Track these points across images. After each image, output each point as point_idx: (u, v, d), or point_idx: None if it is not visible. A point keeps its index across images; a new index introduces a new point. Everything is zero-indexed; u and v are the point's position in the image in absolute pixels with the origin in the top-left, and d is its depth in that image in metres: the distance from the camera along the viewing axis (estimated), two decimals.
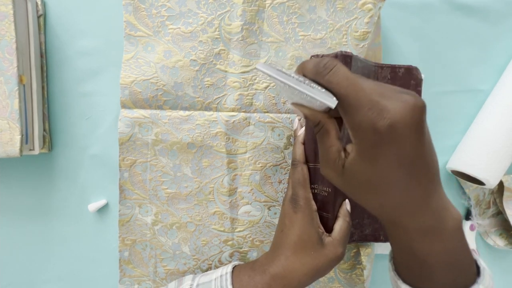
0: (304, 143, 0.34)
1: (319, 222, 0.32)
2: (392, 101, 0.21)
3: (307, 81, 0.23)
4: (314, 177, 0.33)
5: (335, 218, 0.33)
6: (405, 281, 0.29)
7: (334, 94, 0.22)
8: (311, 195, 0.32)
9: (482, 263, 0.28)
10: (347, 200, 0.34)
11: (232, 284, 0.32)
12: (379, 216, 0.26)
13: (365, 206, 0.26)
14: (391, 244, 0.29)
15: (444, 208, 0.24)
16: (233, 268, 0.34)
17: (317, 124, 0.25)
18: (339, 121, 0.25)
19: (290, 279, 0.30)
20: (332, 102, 0.22)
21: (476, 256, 0.29)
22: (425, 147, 0.22)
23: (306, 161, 0.34)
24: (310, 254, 0.30)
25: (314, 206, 0.32)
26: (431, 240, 0.25)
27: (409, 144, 0.21)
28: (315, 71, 0.23)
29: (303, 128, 0.35)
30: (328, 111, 0.24)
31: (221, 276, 0.33)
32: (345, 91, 0.22)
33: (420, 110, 0.21)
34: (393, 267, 0.31)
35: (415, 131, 0.21)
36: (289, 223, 0.32)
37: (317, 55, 0.33)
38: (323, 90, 0.23)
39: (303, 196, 0.32)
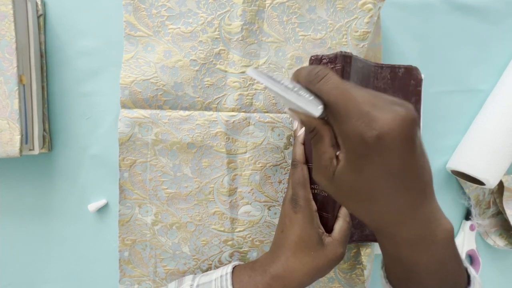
0: (304, 144, 0.34)
1: (319, 222, 0.32)
2: (383, 112, 0.21)
3: (296, 88, 0.23)
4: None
5: (335, 218, 0.33)
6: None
7: (325, 102, 0.22)
8: (311, 195, 0.32)
9: (472, 271, 0.28)
10: None
11: (232, 284, 0.32)
12: (368, 224, 0.26)
13: (354, 213, 0.26)
14: (382, 253, 0.29)
15: (435, 219, 0.24)
16: (233, 268, 0.34)
17: (312, 130, 0.25)
18: None
19: (290, 279, 0.30)
20: (316, 111, 0.22)
21: (466, 264, 0.29)
22: (415, 159, 0.22)
23: (306, 161, 0.34)
24: (310, 254, 0.30)
25: (314, 207, 0.32)
26: (419, 250, 0.25)
27: (398, 155, 0.21)
28: (307, 79, 0.24)
29: (303, 129, 0.35)
30: (323, 118, 0.24)
31: (221, 276, 0.33)
32: (335, 99, 0.22)
33: (410, 123, 0.21)
34: (384, 275, 0.31)
35: (404, 143, 0.21)
36: (289, 223, 0.32)
37: (317, 55, 0.33)
38: (311, 98, 0.23)
39: (303, 196, 0.32)
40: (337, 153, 0.24)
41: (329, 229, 0.32)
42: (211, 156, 0.38)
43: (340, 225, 0.32)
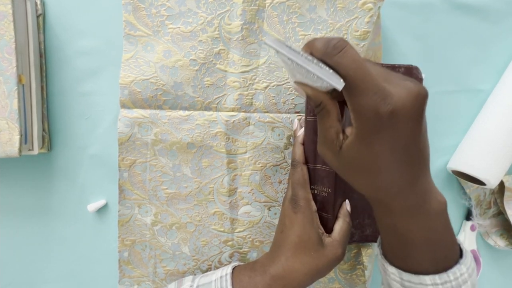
0: (303, 144, 0.34)
1: (319, 222, 0.32)
2: (397, 88, 0.21)
3: (315, 60, 0.23)
4: (314, 177, 0.33)
5: (335, 218, 0.33)
6: (391, 263, 0.29)
7: (342, 76, 0.22)
8: (311, 195, 0.32)
9: (464, 246, 0.29)
10: (347, 201, 0.34)
11: (232, 285, 0.32)
12: (366, 194, 0.26)
13: (353, 185, 0.26)
14: (378, 225, 0.30)
15: (429, 191, 0.25)
16: (233, 269, 0.34)
17: (318, 105, 0.25)
18: (341, 104, 0.26)
19: (290, 280, 0.30)
20: (339, 84, 0.22)
21: (459, 240, 0.30)
22: (421, 134, 0.23)
23: (306, 162, 0.34)
24: (310, 255, 0.30)
25: (314, 207, 0.32)
26: (414, 220, 0.26)
27: (407, 130, 0.22)
28: (323, 51, 0.23)
29: (303, 129, 0.35)
30: (331, 92, 0.24)
31: (221, 277, 0.33)
32: (353, 73, 0.21)
33: (422, 98, 0.22)
34: (381, 251, 0.31)
35: (415, 119, 0.22)
36: (289, 223, 0.32)
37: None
38: (331, 71, 0.22)
39: (303, 196, 0.32)
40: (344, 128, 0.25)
41: (329, 230, 0.32)
42: (211, 156, 0.38)
43: (340, 226, 0.32)
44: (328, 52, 0.22)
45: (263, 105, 0.38)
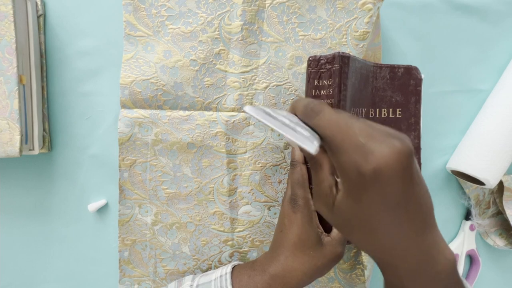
0: None
1: (318, 222, 0.32)
2: (379, 145, 0.21)
3: (294, 122, 0.24)
4: None
5: None
6: None
7: (321, 137, 0.23)
8: (310, 195, 0.32)
9: None
10: None
11: (232, 284, 0.32)
12: (370, 254, 0.26)
13: (355, 243, 0.26)
14: (384, 279, 0.28)
15: (437, 249, 0.24)
16: (233, 268, 0.34)
17: (311, 158, 0.26)
18: None
19: (289, 278, 0.31)
20: (312, 148, 0.22)
21: None
22: (413, 191, 0.22)
23: (305, 161, 0.34)
24: (309, 254, 0.31)
25: (313, 206, 0.32)
26: (422, 280, 0.24)
27: (395, 188, 0.21)
28: (303, 114, 0.24)
29: None
30: (322, 146, 0.25)
31: (220, 276, 0.33)
32: (330, 134, 0.22)
33: (406, 156, 0.21)
34: None
35: (401, 177, 0.21)
36: (288, 223, 0.32)
37: (315, 56, 0.33)
38: (307, 134, 0.23)
39: (302, 196, 0.32)
40: (338, 180, 0.24)
41: (328, 229, 0.32)
42: (211, 156, 0.38)
43: None
44: (307, 115, 0.24)
45: (263, 105, 0.38)
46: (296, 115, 0.25)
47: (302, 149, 0.26)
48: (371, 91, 0.35)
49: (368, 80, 0.35)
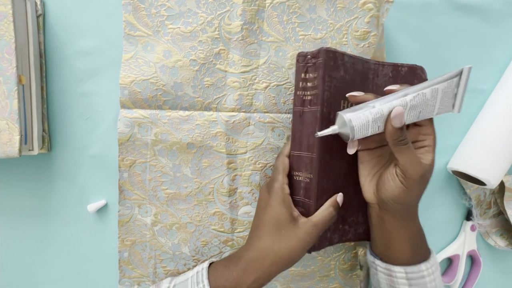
0: (292, 133, 0.35)
1: (292, 204, 0.33)
2: (426, 159, 0.31)
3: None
4: (298, 164, 0.34)
5: (318, 206, 0.33)
6: (376, 256, 0.37)
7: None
8: (286, 180, 0.34)
9: (432, 249, 0.37)
10: (340, 194, 0.34)
11: (208, 278, 0.32)
12: (386, 199, 0.33)
13: (410, 190, 0.31)
14: (370, 225, 0.36)
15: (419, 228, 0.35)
16: (210, 264, 0.35)
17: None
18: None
19: (263, 260, 0.31)
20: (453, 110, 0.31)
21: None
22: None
23: (293, 149, 0.35)
24: (282, 233, 0.32)
25: (287, 190, 0.33)
26: (403, 222, 0.34)
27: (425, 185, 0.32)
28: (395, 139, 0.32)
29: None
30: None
31: (197, 272, 0.34)
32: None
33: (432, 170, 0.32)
34: (369, 246, 0.38)
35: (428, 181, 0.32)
36: (264, 205, 0.34)
37: (302, 52, 0.34)
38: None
39: (279, 181, 0.33)
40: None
41: (309, 215, 0.33)
42: (211, 156, 0.38)
43: (321, 211, 0.33)
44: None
45: (263, 105, 0.38)
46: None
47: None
48: (371, 88, 0.35)
49: (367, 77, 0.35)
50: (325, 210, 0.33)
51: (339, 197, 0.34)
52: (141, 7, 0.37)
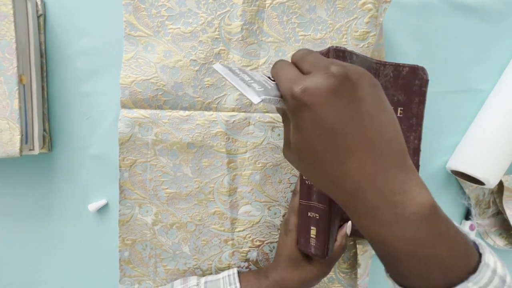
0: (300, 181, 0.36)
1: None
2: (316, 70, 0.22)
3: (257, 80, 0.26)
4: (311, 194, 0.34)
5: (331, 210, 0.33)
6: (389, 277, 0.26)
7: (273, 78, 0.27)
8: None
9: (486, 257, 0.23)
10: (349, 223, 0.36)
11: (240, 282, 0.36)
12: (326, 192, 0.24)
13: (311, 180, 0.27)
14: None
15: (405, 193, 0.20)
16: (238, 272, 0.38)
17: (282, 114, 0.30)
18: None
19: (285, 285, 0.35)
20: (254, 98, 0.23)
21: (482, 248, 0.24)
22: (356, 117, 0.20)
23: (300, 198, 0.36)
24: (299, 269, 0.35)
25: None
26: (381, 223, 0.21)
27: (331, 111, 0.20)
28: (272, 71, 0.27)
29: None
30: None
31: (228, 275, 0.37)
32: (273, 71, 0.26)
33: (340, 79, 0.20)
34: (385, 269, 0.26)
35: (333, 98, 0.20)
36: (282, 243, 0.37)
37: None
38: (261, 89, 0.24)
39: (293, 222, 0.36)
40: None
41: (323, 219, 0.33)
42: (211, 156, 0.38)
43: (335, 248, 0.35)
44: (272, 72, 0.27)
45: (263, 105, 0.38)
46: (271, 79, 0.27)
47: (277, 109, 0.30)
48: None
49: None
50: (338, 247, 0.35)
51: (348, 228, 0.35)
52: (141, 8, 0.37)
